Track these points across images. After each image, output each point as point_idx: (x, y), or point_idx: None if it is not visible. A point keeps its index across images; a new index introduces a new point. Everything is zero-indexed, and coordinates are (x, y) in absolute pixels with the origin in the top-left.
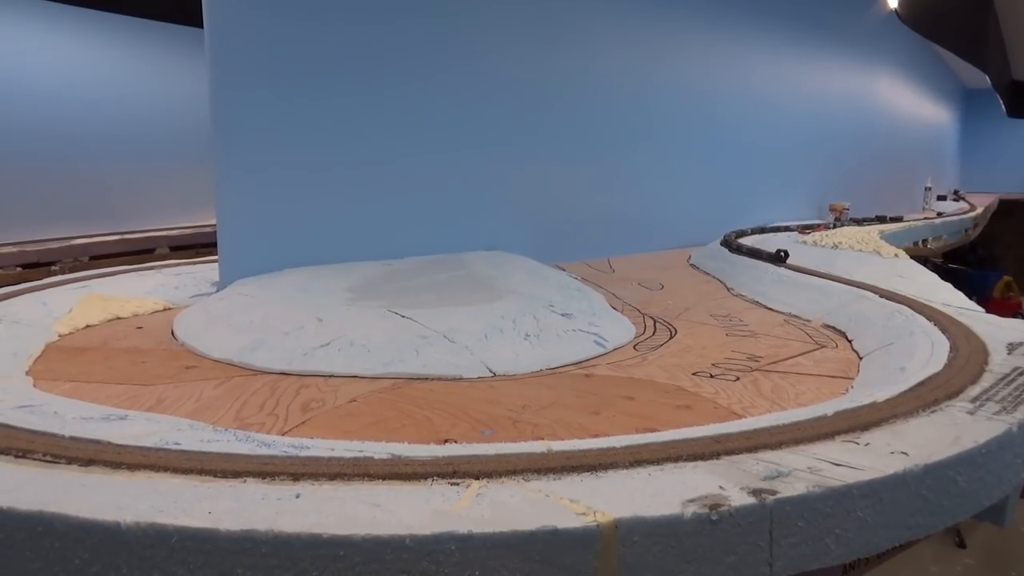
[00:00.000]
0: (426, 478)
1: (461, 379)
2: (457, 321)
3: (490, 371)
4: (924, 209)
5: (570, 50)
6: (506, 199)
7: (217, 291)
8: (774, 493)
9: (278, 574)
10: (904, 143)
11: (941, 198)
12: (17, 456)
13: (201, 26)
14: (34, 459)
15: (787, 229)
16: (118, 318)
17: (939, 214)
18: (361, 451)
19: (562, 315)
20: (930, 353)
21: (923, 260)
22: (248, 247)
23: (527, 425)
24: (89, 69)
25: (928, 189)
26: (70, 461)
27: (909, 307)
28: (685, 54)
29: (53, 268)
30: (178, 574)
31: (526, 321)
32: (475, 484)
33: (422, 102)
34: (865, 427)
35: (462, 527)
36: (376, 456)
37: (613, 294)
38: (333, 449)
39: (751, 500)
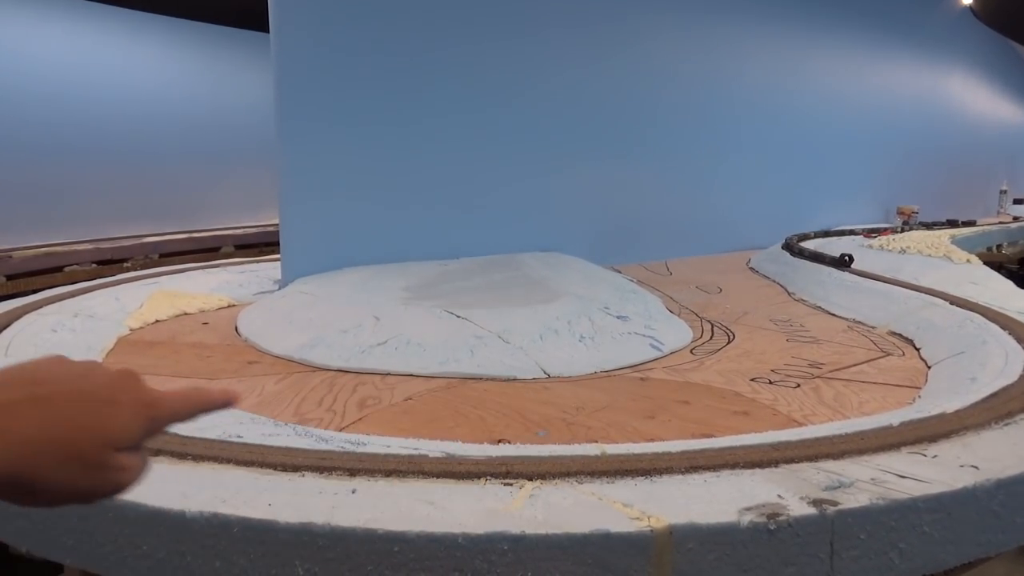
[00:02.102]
0: (480, 477)
1: (515, 380)
2: (512, 322)
3: (544, 372)
4: (999, 213)
5: (630, 52)
6: (562, 201)
7: (279, 289)
8: (835, 504)
9: (334, 567)
10: (978, 144)
11: (1018, 201)
12: None
13: (267, 31)
14: None
15: (852, 233)
16: (185, 313)
17: (1015, 218)
18: (416, 449)
19: (617, 317)
20: (1004, 363)
21: (997, 266)
22: (309, 246)
23: (581, 427)
24: (162, 74)
25: (1004, 192)
26: None
27: (982, 315)
28: (748, 54)
29: (126, 265)
30: (239, 563)
31: (581, 323)
32: (528, 485)
33: (480, 106)
34: (933, 439)
35: (515, 527)
36: (431, 454)
37: (670, 297)
38: (389, 446)
39: (811, 510)
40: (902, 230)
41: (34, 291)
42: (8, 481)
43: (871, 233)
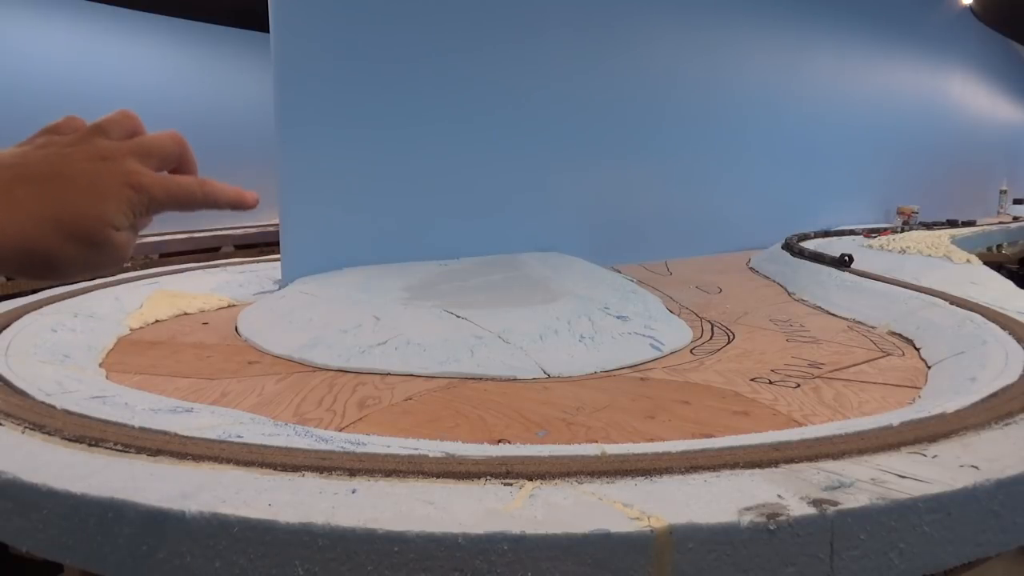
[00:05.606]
0: (480, 477)
1: (515, 380)
2: (512, 322)
3: (544, 372)
4: (999, 213)
5: (627, 48)
6: (562, 200)
7: (279, 289)
8: (835, 504)
9: (334, 567)
10: (978, 144)
11: (1018, 201)
12: (90, 445)
13: (267, 31)
14: (106, 448)
15: (852, 233)
16: (185, 314)
17: (1015, 218)
18: (416, 449)
19: (617, 317)
20: (1004, 363)
21: (997, 266)
22: (309, 247)
23: (581, 427)
24: (162, 74)
25: (1004, 192)
26: (139, 451)
27: (981, 315)
28: (748, 54)
29: (126, 264)
30: (239, 563)
31: (581, 323)
32: (528, 485)
33: (480, 105)
34: (933, 439)
35: (515, 527)
36: (431, 454)
37: (670, 297)
38: (389, 446)
39: (811, 510)
40: (902, 230)
41: (34, 291)
42: (27, 256)
43: (871, 233)
